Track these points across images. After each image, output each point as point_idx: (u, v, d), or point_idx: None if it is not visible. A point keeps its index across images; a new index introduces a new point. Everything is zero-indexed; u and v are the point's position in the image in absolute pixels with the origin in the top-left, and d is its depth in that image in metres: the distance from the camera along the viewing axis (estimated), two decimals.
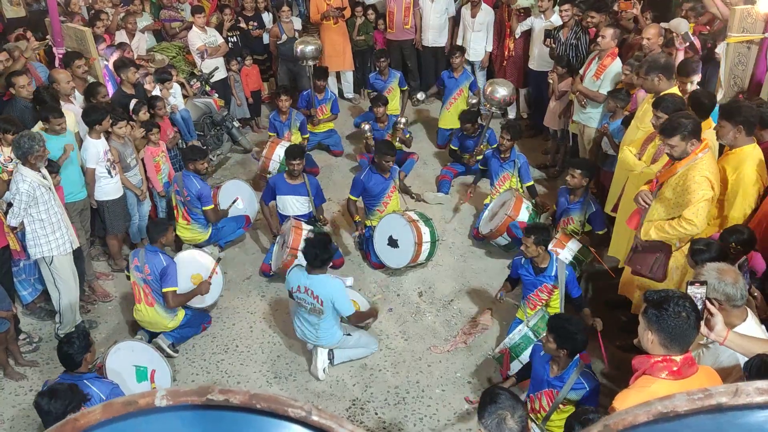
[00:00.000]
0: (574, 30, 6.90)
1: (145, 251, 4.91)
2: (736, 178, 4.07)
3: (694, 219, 3.86)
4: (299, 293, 4.59)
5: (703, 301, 2.63)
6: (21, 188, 4.49)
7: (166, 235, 5.00)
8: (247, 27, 8.80)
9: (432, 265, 5.94)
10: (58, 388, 3.42)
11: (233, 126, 7.88)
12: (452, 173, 7.22)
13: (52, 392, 3.38)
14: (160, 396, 0.69)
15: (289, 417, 0.68)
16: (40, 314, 5.39)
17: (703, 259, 3.44)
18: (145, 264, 4.84)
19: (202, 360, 4.97)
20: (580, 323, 3.85)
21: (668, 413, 0.65)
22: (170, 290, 4.85)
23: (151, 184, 6.14)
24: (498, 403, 2.75)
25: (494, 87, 6.64)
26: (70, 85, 5.74)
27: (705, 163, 3.89)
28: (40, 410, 3.38)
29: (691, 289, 2.63)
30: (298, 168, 5.79)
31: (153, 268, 4.82)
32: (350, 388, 4.67)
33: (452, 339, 5.08)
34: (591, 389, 3.67)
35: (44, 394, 3.39)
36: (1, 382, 4.75)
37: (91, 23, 7.21)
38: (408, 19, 8.81)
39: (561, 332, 3.62)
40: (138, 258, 4.90)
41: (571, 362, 3.71)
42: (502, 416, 2.71)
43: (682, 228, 3.93)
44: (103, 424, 0.68)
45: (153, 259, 4.85)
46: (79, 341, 3.82)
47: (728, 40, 5.36)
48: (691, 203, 3.86)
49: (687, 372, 2.44)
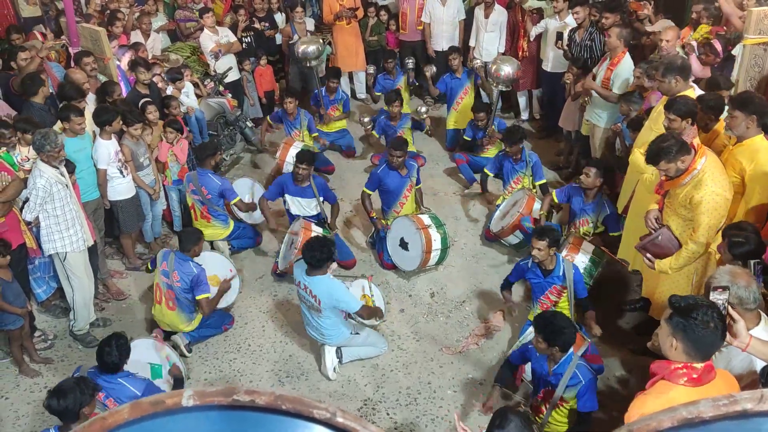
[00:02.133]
0: (588, 31, 6.87)
1: (175, 257, 4.91)
2: (753, 168, 4.05)
3: (702, 240, 3.90)
4: (300, 288, 4.63)
5: (726, 306, 2.59)
6: (38, 183, 4.56)
7: (199, 245, 5.04)
8: (260, 28, 8.83)
9: (444, 266, 5.94)
10: (64, 385, 3.39)
11: (246, 126, 7.92)
12: (465, 158, 7.17)
13: (60, 392, 3.35)
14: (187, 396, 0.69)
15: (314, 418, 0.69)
16: (55, 312, 5.44)
17: (742, 252, 3.39)
18: (174, 270, 4.85)
19: (215, 359, 5.00)
20: (566, 317, 3.84)
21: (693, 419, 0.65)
22: (204, 297, 4.90)
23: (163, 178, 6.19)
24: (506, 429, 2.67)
25: (499, 65, 6.68)
26: (86, 85, 5.79)
27: (710, 174, 3.84)
28: (52, 411, 3.36)
29: (713, 294, 2.57)
30: (303, 173, 5.77)
31: (183, 276, 4.84)
32: (362, 388, 4.68)
33: (464, 340, 5.08)
34: (588, 381, 3.64)
35: (53, 395, 3.36)
36: (17, 379, 4.80)
37: (109, 23, 7.27)
38: (421, 20, 8.80)
39: (548, 329, 3.61)
40: (167, 263, 4.90)
41: (565, 357, 3.68)
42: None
43: (692, 252, 3.97)
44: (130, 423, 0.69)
45: (183, 267, 4.87)
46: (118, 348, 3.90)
47: (745, 41, 5.32)
48: (700, 225, 3.87)
49: (706, 378, 2.41)
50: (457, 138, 7.83)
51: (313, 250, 4.46)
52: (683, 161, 3.83)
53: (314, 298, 4.52)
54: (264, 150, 7.98)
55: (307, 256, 4.48)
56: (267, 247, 6.36)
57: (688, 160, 3.83)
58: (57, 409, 3.32)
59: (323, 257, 4.48)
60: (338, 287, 4.58)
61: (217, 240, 6.06)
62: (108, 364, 3.86)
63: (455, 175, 7.37)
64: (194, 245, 4.98)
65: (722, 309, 2.55)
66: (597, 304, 4.71)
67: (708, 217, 3.83)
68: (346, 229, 6.58)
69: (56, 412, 3.35)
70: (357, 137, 8.28)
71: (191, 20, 8.64)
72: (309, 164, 5.80)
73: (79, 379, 3.50)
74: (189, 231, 5.30)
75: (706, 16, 6.35)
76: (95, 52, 6.31)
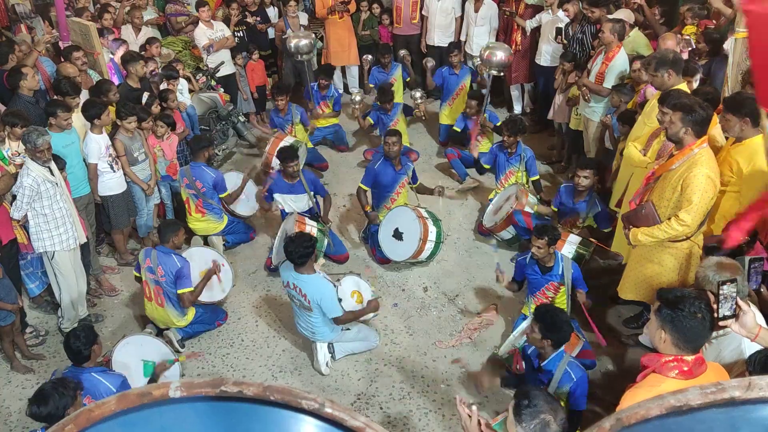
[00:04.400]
0: (581, 24, 6.88)
1: (158, 252, 4.88)
2: (751, 169, 4.05)
3: (688, 220, 3.85)
4: (289, 288, 4.62)
5: (735, 298, 2.58)
6: (24, 182, 4.52)
7: (178, 235, 5.00)
8: (252, 22, 8.79)
9: (437, 261, 5.94)
10: (44, 390, 3.30)
11: (239, 121, 7.89)
12: (456, 153, 7.17)
13: (40, 398, 3.26)
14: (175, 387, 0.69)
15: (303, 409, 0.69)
16: (46, 308, 5.41)
17: None
18: (158, 266, 4.83)
19: (208, 354, 4.99)
20: (567, 316, 3.83)
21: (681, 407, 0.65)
22: (186, 291, 4.87)
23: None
24: (537, 406, 2.47)
25: (491, 50, 6.67)
26: (78, 79, 5.75)
27: (705, 158, 3.86)
28: (36, 418, 3.29)
29: (726, 288, 2.54)
30: (295, 168, 5.76)
31: (167, 270, 4.81)
32: (355, 383, 4.68)
33: (457, 334, 5.09)
34: (579, 379, 3.61)
35: (33, 402, 3.27)
36: (8, 375, 4.78)
37: (99, 17, 7.22)
38: (415, 13, 8.80)
39: (548, 321, 3.59)
40: (150, 259, 4.87)
41: (555, 354, 3.66)
42: (545, 421, 2.44)
43: (673, 229, 3.91)
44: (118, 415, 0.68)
45: (166, 260, 4.84)
46: (85, 334, 3.82)
47: (736, 35, 5.32)
48: (691, 203, 3.83)
49: (697, 371, 2.42)
50: (450, 133, 7.83)
51: (295, 246, 4.44)
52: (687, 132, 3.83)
53: (304, 297, 4.51)
54: (257, 145, 7.95)
55: (289, 252, 4.46)
56: (260, 243, 6.35)
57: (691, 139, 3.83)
58: (41, 415, 3.25)
59: (306, 252, 4.45)
60: (327, 290, 4.55)
61: (211, 235, 6.04)
62: (76, 353, 3.78)
63: (448, 170, 7.37)
64: (173, 235, 4.93)
65: (731, 301, 2.54)
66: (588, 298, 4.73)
67: (698, 197, 3.80)
68: (340, 224, 6.57)
69: (41, 418, 3.27)
70: (350, 132, 8.27)
71: (182, 14, 8.59)
72: (293, 158, 5.77)
73: (57, 381, 3.40)
74: (167, 222, 5.27)
75: (690, 17, 6.39)
76: (85, 47, 6.26)
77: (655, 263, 4.26)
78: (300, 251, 4.44)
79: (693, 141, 3.85)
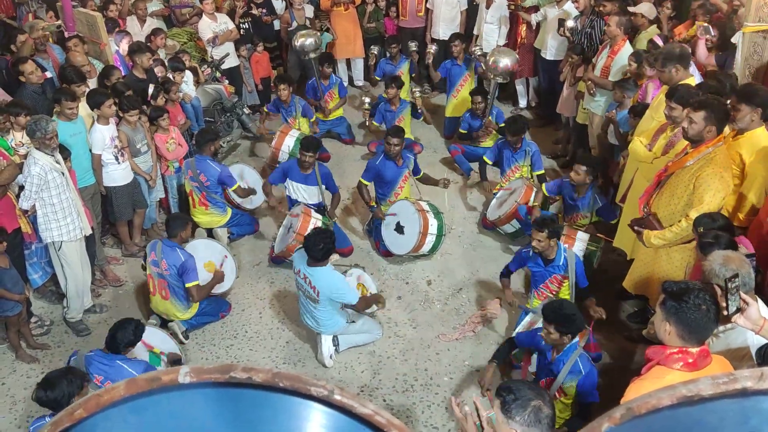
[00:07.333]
0: (590, 18, 6.85)
1: (163, 246, 4.88)
2: (753, 160, 4.03)
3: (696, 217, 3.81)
4: (298, 277, 4.63)
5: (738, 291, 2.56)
6: (32, 171, 4.52)
7: (186, 230, 5.01)
8: (257, 13, 8.77)
9: (441, 254, 5.94)
10: (52, 377, 3.35)
11: (244, 113, 7.88)
12: (460, 149, 7.15)
13: (48, 383, 3.31)
14: (184, 373, 0.69)
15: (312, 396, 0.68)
16: (50, 297, 5.43)
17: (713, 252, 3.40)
18: (162, 259, 4.82)
19: (212, 345, 5.00)
20: (571, 303, 3.83)
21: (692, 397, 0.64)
22: (193, 285, 4.87)
23: (162, 168, 6.14)
24: (524, 395, 2.47)
25: (497, 57, 6.67)
26: (86, 68, 5.76)
27: (720, 157, 3.83)
28: (42, 403, 3.33)
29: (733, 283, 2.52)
30: (309, 160, 5.76)
31: (171, 264, 4.81)
32: (359, 375, 4.69)
33: (461, 327, 5.09)
34: (588, 372, 3.61)
35: (41, 387, 3.32)
36: (14, 365, 4.80)
37: (104, 8, 7.21)
38: (421, 6, 8.77)
39: (560, 318, 3.57)
40: (155, 252, 4.88)
41: (569, 345, 3.65)
42: (537, 406, 2.44)
43: (683, 230, 3.88)
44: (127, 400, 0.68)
45: (171, 254, 4.83)
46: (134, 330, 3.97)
47: (744, 29, 5.30)
48: (702, 203, 3.80)
49: (702, 363, 2.42)
50: (455, 126, 7.80)
51: (316, 243, 4.44)
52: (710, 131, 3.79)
53: (313, 289, 4.52)
54: (262, 137, 7.94)
55: (310, 249, 4.46)
56: (264, 234, 6.35)
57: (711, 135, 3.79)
58: (46, 400, 3.29)
59: (326, 249, 4.47)
60: (339, 280, 4.58)
61: (215, 227, 6.04)
62: (117, 342, 3.89)
63: (453, 164, 7.35)
64: (181, 230, 4.93)
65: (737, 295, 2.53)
66: (593, 293, 4.70)
67: (709, 196, 3.77)
68: (344, 217, 6.57)
69: (46, 403, 3.31)
70: (355, 124, 8.25)
71: (187, 6, 8.57)
72: (314, 151, 5.78)
73: (67, 369, 3.47)
74: (176, 216, 5.27)
75: (701, 14, 6.35)
76: (91, 37, 6.26)
77: (662, 258, 4.25)
78: (323, 248, 4.43)
79: (713, 139, 3.83)
